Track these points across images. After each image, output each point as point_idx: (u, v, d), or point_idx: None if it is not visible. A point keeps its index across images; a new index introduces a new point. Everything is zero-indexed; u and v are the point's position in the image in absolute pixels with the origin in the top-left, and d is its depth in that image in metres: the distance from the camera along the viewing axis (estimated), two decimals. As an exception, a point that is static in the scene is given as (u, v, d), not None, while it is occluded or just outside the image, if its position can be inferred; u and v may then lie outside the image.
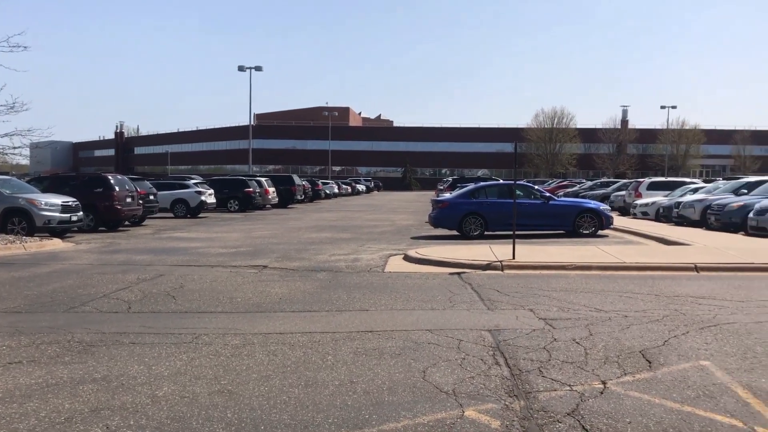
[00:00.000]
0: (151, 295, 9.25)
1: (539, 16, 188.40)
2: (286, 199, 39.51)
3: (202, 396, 4.91)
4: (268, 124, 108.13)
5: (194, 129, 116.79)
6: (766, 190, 20.39)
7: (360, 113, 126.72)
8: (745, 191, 21.84)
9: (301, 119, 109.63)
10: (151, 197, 25.14)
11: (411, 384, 5.14)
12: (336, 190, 60.73)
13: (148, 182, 27.22)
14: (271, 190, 36.43)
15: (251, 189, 34.18)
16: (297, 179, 42.40)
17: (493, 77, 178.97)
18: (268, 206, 36.81)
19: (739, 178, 27.66)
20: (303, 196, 43.05)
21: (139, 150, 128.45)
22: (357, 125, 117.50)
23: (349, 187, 68.31)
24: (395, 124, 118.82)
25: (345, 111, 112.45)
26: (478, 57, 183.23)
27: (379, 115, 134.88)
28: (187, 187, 30.33)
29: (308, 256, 14.18)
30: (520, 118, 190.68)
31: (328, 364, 5.76)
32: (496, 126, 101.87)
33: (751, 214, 17.50)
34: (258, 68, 56.57)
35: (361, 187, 75.30)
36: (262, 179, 36.84)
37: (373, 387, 5.09)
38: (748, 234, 17.42)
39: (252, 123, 65.29)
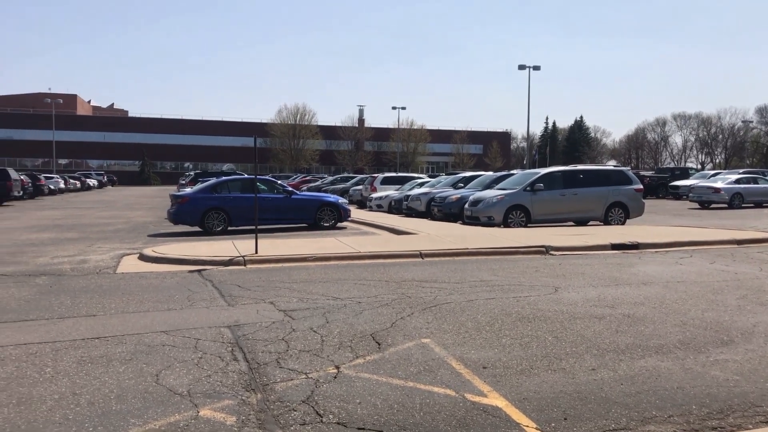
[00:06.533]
0: None
1: (283, 14, 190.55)
2: (1, 196, 34.79)
3: None
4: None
5: None
6: (479, 184, 23.19)
7: (90, 101, 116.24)
8: (462, 185, 24.61)
9: (18, 106, 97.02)
10: None
11: (142, 389, 4.86)
12: (62, 186, 54.92)
13: None
14: (-20, 185, 31.77)
15: (-47, 184, 29.44)
16: (13, 173, 37.45)
17: (234, 71, 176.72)
18: (-24, 204, 32.07)
19: (457, 174, 31.03)
20: (21, 192, 38.19)
21: None
22: (86, 114, 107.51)
23: (78, 182, 62.29)
24: (131, 115, 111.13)
25: (72, 98, 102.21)
26: (217, 49, 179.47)
27: (112, 104, 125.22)
28: None
29: (26, 259, 12.64)
30: (265, 114, 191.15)
31: (46, 377, 5.19)
32: (240, 120, 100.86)
33: (466, 206, 19.74)
34: (-41, 44, 48.82)
35: (92, 182, 69.17)
36: (-31, 173, 31.97)
37: (99, 397, 4.71)
38: (464, 223, 19.62)
39: (-47, 107, 56.15)
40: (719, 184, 30.65)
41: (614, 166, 34.71)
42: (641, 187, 20.79)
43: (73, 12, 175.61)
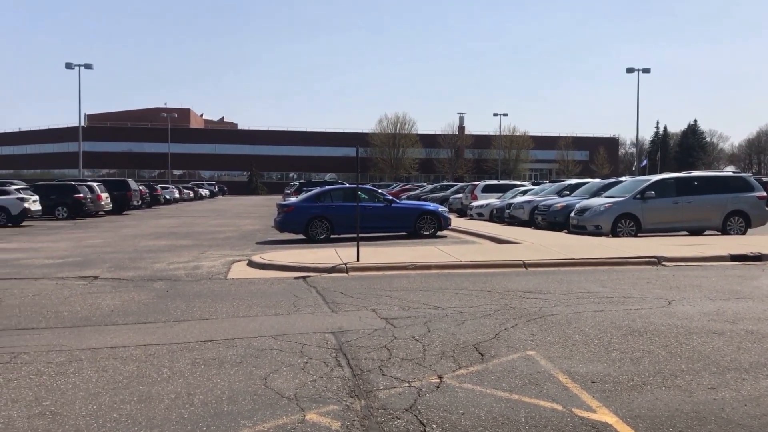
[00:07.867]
0: (-41, 314, 8.29)
1: (382, 25, 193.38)
2: (122, 205, 37.30)
3: (19, 420, 4.47)
4: (101, 126, 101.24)
5: (17, 130, 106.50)
6: (586, 192, 22.44)
7: (202, 115, 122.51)
8: (568, 193, 23.90)
9: (137, 120, 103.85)
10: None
11: (252, 392, 5.04)
12: (177, 195, 58.18)
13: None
14: (104, 195, 34.21)
15: (81, 194, 31.84)
16: (133, 184, 40.17)
17: (337, 82, 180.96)
18: (101, 213, 34.53)
19: (562, 181, 30.19)
20: (140, 202, 40.84)
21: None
22: (199, 127, 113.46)
23: (191, 192, 65.77)
24: (239, 127, 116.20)
25: (185, 112, 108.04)
26: (322, 62, 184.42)
27: (222, 118, 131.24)
28: (7, 193, 27.57)
29: (144, 264, 13.46)
30: (365, 124, 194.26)
31: (163, 377, 5.49)
32: (342, 131, 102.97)
33: (572, 214, 19.15)
34: (88, 66, 53.06)
35: (204, 192, 72.79)
36: (94, 184, 34.56)
37: (211, 398, 4.92)
38: (570, 232, 19.04)
39: (82, 124, 60.88)
40: None
41: (733, 172, 32.59)
42: (765, 194, 19.40)
43: (190, 33, 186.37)
